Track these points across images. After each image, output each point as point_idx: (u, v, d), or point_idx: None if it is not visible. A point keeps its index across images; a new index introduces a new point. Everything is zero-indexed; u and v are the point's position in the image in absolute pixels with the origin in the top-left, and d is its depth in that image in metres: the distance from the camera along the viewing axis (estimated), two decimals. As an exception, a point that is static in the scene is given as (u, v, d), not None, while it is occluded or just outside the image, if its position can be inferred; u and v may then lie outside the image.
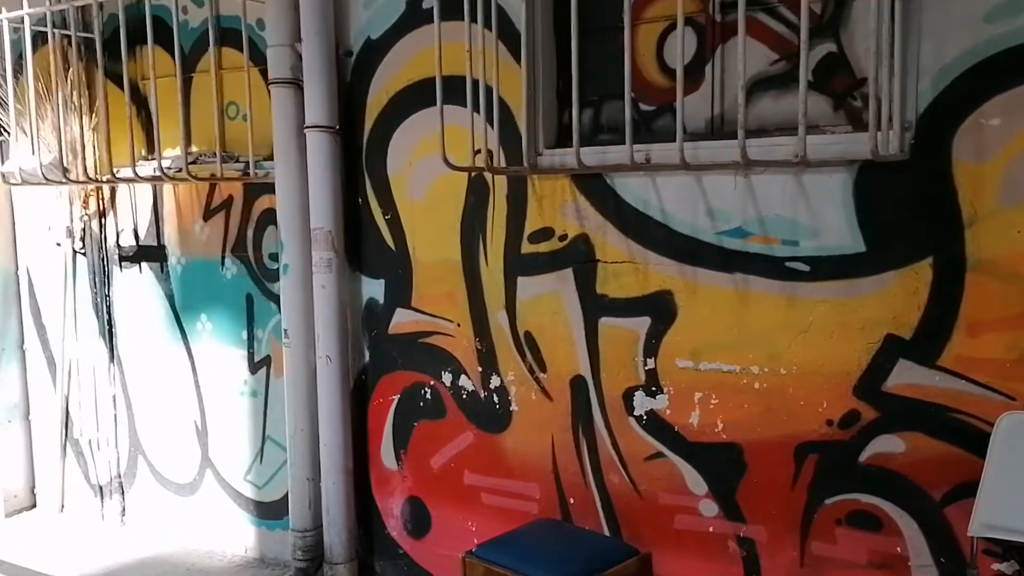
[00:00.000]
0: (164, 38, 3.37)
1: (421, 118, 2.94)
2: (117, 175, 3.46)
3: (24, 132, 3.69)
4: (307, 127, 3.03)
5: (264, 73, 3.17)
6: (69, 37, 3.51)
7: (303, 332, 3.15)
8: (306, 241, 3.12)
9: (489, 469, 2.95)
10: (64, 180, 3.30)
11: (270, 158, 3.21)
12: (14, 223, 4.15)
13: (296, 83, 3.08)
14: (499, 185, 2.83)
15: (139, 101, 3.67)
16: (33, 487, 4.25)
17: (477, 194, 2.87)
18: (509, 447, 2.91)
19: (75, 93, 3.57)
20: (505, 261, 2.84)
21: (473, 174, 2.86)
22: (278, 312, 3.37)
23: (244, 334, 3.48)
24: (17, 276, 4.17)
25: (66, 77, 3.55)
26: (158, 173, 3.29)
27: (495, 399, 2.91)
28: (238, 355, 3.51)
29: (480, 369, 2.93)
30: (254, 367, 3.48)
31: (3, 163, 4.14)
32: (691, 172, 2.48)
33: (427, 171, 2.95)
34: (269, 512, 3.52)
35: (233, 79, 3.35)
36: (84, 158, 3.51)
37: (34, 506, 4.25)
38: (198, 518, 3.72)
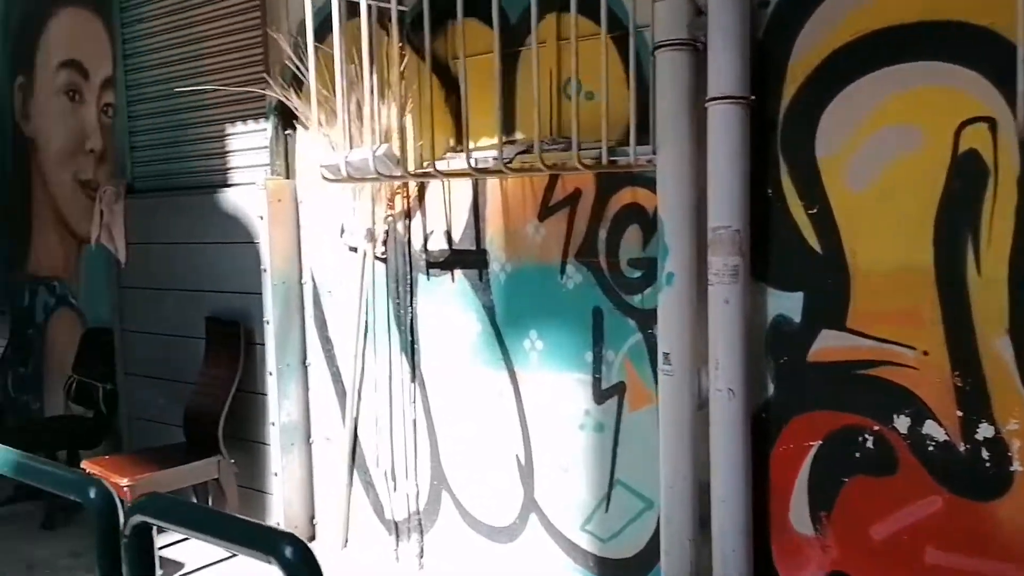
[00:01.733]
0: (478, 9, 2.87)
1: (878, 80, 2.24)
2: (429, 168, 2.96)
3: (326, 122, 3.29)
4: (710, 99, 2.40)
5: (618, 41, 2.60)
6: (379, 9, 3.06)
7: (689, 357, 2.53)
8: (698, 244, 2.50)
9: (970, 547, 2.21)
10: (401, 174, 2.82)
11: (623, 143, 2.62)
12: (299, 226, 3.78)
13: (693, 45, 2.47)
14: (1005, 164, 2.09)
15: (449, 83, 3.17)
16: (312, 517, 3.86)
17: (966, 178, 2.15)
18: (1005, 520, 2.16)
19: (392, 75, 3.11)
20: (1012, 268, 2.10)
21: (961, 152, 2.14)
22: (637, 330, 2.76)
23: (588, 356, 2.90)
24: (301, 285, 3.79)
25: (382, 56, 3.10)
26: (489, 164, 2.77)
27: (984, 454, 2.17)
28: (579, 380, 2.94)
29: (960, 414, 2.20)
30: (600, 396, 2.89)
31: (286, 160, 3.77)
32: None
33: (884, 150, 2.25)
34: (616, 571, 2.91)
35: (572, 51, 2.78)
36: (405, 149, 3.03)
37: (313, 538, 3.86)
38: (517, 569, 3.17)
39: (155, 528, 1.67)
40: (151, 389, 4.35)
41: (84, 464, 3.62)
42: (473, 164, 2.79)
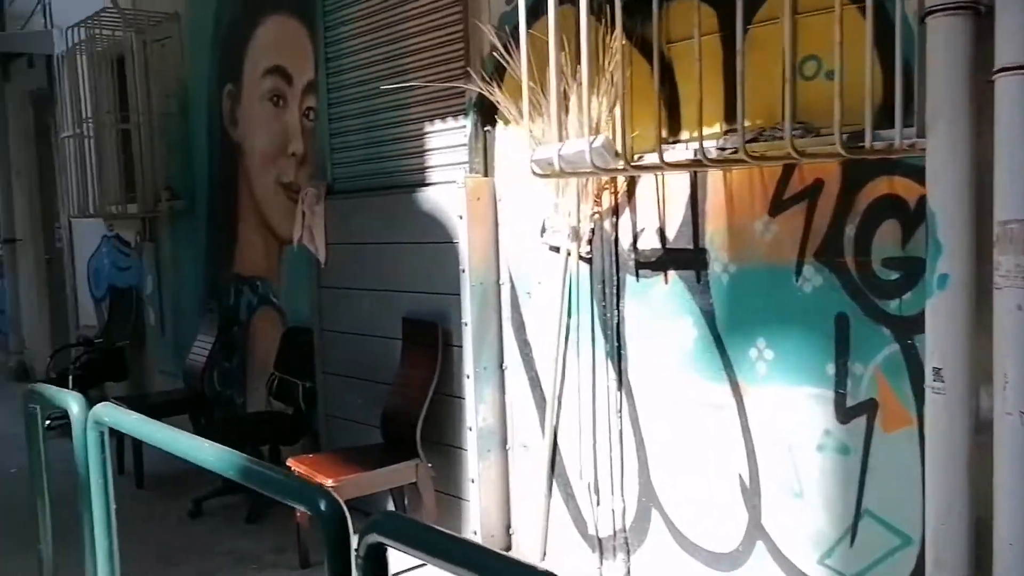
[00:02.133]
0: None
1: None
2: (650, 159, 2.72)
3: (530, 115, 3.14)
4: (999, 71, 2.03)
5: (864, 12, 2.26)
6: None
7: (967, 373, 2.15)
8: (978, 241, 2.13)
9: None
10: (622, 166, 2.61)
11: (879, 126, 2.27)
12: (497, 224, 3.65)
13: (974, 8, 2.10)
14: None
15: (662, 70, 2.92)
16: (509, 526, 3.72)
17: None
18: None
19: (604, 63, 2.90)
20: None
21: None
22: (893, 340, 2.41)
23: (830, 368, 2.57)
24: (498, 286, 3.67)
25: (595, 43, 2.90)
26: (714, 154, 2.49)
27: None
28: (817, 396, 2.61)
29: None
30: (845, 414, 2.55)
31: (484, 157, 3.66)
32: None
33: None
34: (860, 614, 2.57)
35: (811, 26, 2.47)
36: (624, 140, 2.81)
37: (509, 548, 3.72)
38: (737, 601, 2.88)
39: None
40: (348, 388, 4.38)
41: (289, 462, 3.67)
42: (697, 154, 2.53)
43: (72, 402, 2.83)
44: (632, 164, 2.61)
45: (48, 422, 5.95)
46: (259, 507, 4.30)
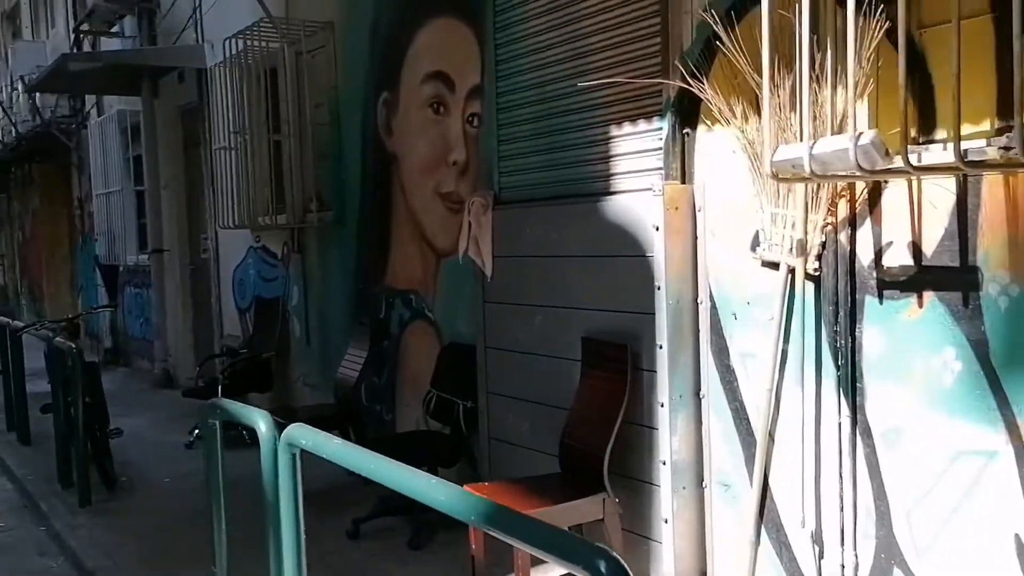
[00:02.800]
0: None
1: None
2: (919, 163, 2.31)
3: (743, 113, 2.79)
4: None
5: None
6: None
7: None
8: None
9: None
10: (900, 167, 2.21)
11: None
12: (696, 237, 3.30)
13: None
14: None
15: (912, 60, 2.51)
16: (705, 572, 3.34)
17: None
18: None
19: (845, 52, 2.51)
20: None
21: None
22: None
23: None
24: (696, 304, 3.31)
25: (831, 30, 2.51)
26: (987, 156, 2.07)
27: None
28: None
29: None
30: None
31: (682, 162, 3.31)
32: None
33: None
34: None
35: None
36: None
37: (704, 597, 3.34)
38: None
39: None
40: (515, 411, 4.11)
41: (465, 488, 3.40)
42: (997, 154, 2.10)
43: (260, 421, 2.65)
44: (916, 166, 2.20)
45: (196, 433, 6.01)
46: (423, 532, 4.07)
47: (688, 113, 3.27)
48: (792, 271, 2.90)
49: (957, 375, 2.50)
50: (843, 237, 2.76)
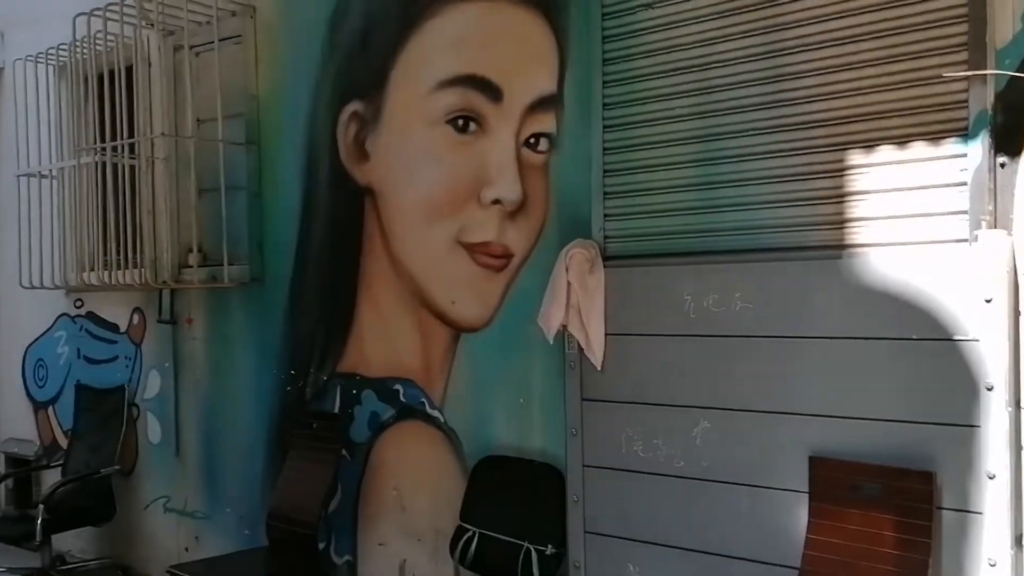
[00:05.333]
0: None
1: None
2: None
3: None
4: None
5: None
6: None
7: None
8: None
9: None
10: None
11: None
12: (1020, 311, 2.28)
13: None
14: None
15: None
16: None
17: None
18: None
19: None
20: None
21: None
22: None
23: None
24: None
25: None
26: None
27: None
28: None
29: None
30: None
31: (995, 204, 2.32)
32: None
33: None
34: None
35: None
36: None
37: None
38: None
39: None
40: (650, 562, 2.79)
41: None
42: None
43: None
44: None
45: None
46: None
47: (1007, 135, 2.28)
48: None
49: None
50: None
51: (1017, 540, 2.20)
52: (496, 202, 3.32)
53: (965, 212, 2.31)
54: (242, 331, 4.29)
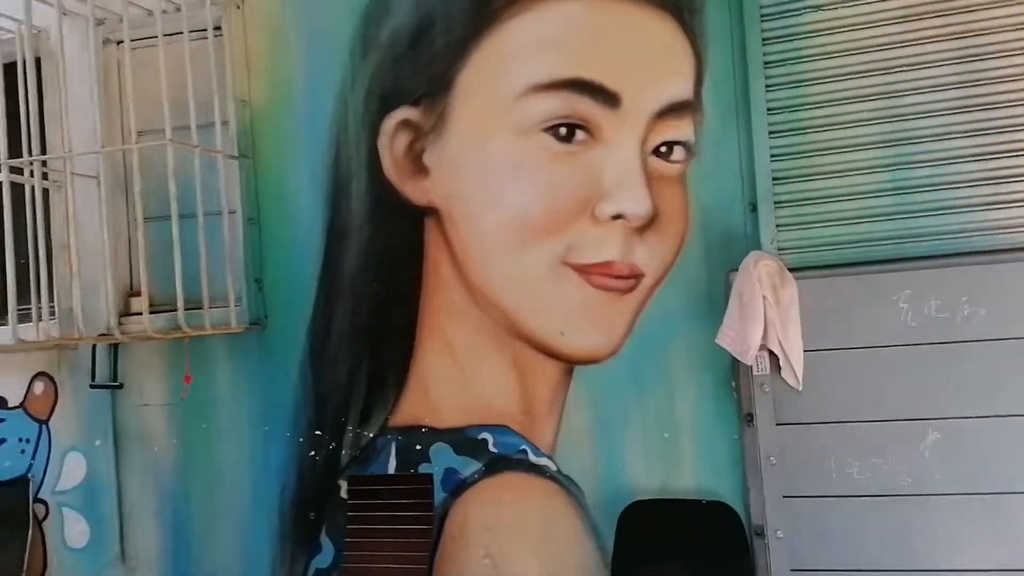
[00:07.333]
0: None
1: None
2: None
3: None
4: None
5: None
6: None
7: None
8: None
9: None
10: None
11: None
12: None
13: None
14: None
15: None
16: None
17: None
18: None
19: None
20: None
21: None
22: None
23: None
24: None
25: None
26: None
27: None
28: None
29: None
30: None
31: None
32: None
33: None
34: None
35: None
36: None
37: None
38: None
39: None
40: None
41: None
42: None
43: None
44: None
45: None
46: None
47: None
48: None
49: None
50: None
51: None
52: (618, 217, 2.99)
53: None
54: (232, 389, 3.46)
